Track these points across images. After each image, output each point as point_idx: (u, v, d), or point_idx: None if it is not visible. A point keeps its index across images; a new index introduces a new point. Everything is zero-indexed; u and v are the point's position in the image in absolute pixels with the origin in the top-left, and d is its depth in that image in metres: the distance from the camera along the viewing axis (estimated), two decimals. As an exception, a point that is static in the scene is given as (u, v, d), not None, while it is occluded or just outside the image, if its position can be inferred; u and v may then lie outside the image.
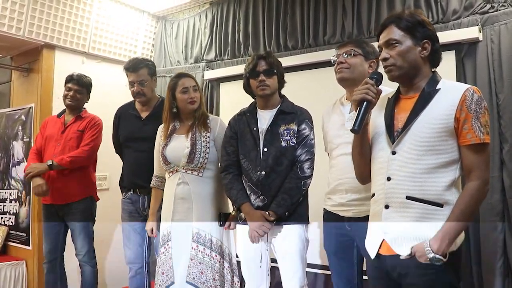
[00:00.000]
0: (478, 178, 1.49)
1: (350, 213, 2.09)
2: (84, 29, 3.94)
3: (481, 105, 1.50)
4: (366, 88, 1.63)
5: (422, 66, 1.61)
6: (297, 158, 2.22)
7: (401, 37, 1.60)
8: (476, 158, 1.49)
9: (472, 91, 1.51)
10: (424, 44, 1.60)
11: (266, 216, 2.17)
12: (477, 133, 1.47)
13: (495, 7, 2.77)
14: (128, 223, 2.91)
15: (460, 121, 1.49)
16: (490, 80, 2.73)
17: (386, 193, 1.58)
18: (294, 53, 3.60)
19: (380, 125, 1.68)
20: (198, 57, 4.29)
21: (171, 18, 4.57)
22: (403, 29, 1.60)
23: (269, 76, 2.30)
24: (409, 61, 1.59)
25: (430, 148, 1.51)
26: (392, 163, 1.58)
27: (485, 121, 1.50)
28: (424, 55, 1.60)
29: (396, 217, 1.55)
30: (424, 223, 1.50)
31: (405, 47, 1.59)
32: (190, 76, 2.61)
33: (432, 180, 1.51)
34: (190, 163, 2.46)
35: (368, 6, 3.27)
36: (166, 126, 2.59)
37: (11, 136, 4.10)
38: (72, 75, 3.18)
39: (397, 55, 1.60)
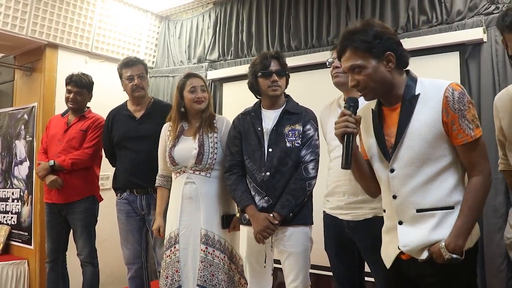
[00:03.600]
0: (480, 173, 1.49)
1: (349, 217, 2.09)
2: (87, 28, 3.94)
3: (463, 101, 1.47)
4: (344, 121, 1.57)
5: (393, 78, 1.56)
6: (302, 158, 2.22)
7: (363, 60, 1.52)
8: (473, 154, 1.49)
9: (451, 89, 1.48)
10: (387, 57, 1.53)
11: (270, 219, 2.16)
12: (467, 131, 1.46)
13: (499, 8, 2.76)
14: (125, 223, 2.90)
15: (448, 124, 1.48)
16: (494, 81, 2.71)
17: (397, 211, 1.58)
18: (298, 53, 3.60)
19: (373, 145, 1.65)
20: (201, 57, 4.29)
21: (174, 18, 4.57)
22: (361, 51, 1.52)
23: (281, 77, 2.30)
24: (379, 80, 1.54)
25: (426, 158, 1.50)
26: (393, 181, 1.57)
27: (472, 115, 1.48)
28: (391, 67, 1.54)
29: (412, 230, 1.54)
30: (439, 228, 1.49)
31: (370, 69, 1.52)
32: (198, 76, 2.61)
33: (437, 187, 1.50)
34: (198, 164, 2.45)
35: (372, 7, 3.26)
36: (174, 126, 2.57)
37: (13, 135, 4.10)
38: (71, 76, 3.16)
39: (366, 79, 1.54)
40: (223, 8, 4.13)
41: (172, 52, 4.53)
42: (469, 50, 2.84)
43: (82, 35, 3.92)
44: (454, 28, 2.89)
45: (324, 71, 3.26)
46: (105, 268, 3.23)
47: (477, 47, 2.81)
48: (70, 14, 3.77)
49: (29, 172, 3.91)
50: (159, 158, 2.67)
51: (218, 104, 4.08)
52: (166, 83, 4.45)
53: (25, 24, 3.53)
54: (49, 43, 3.75)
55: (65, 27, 3.77)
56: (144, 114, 2.93)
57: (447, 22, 2.95)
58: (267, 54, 2.34)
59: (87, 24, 3.93)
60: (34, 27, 3.58)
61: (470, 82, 2.81)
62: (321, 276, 3.17)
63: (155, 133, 2.74)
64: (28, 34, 3.56)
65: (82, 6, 3.84)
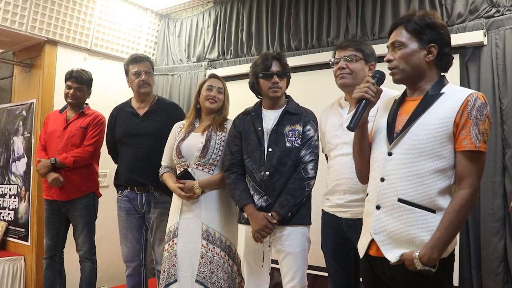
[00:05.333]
0: (470, 187, 1.45)
1: (348, 214, 2.09)
2: (87, 25, 3.93)
3: (482, 112, 1.46)
4: (366, 87, 1.63)
5: (426, 70, 1.58)
6: (301, 159, 2.22)
7: (407, 39, 1.57)
8: (470, 165, 1.45)
9: (475, 96, 1.48)
10: (430, 48, 1.56)
11: (269, 218, 2.16)
12: (473, 140, 1.44)
13: (500, 11, 2.76)
14: (125, 221, 2.90)
15: (459, 126, 1.46)
16: (494, 84, 2.72)
17: (379, 193, 1.57)
18: (297, 53, 3.60)
19: (381, 125, 1.67)
20: (200, 56, 4.28)
21: (174, 16, 4.57)
22: (410, 32, 1.57)
23: (282, 78, 2.31)
24: (412, 64, 1.57)
25: (426, 152, 1.49)
26: (387, 164, 1.57)
27: (484, 129, 1.46)
28: (429, 59, 1.57)
29: (386, 218, 1.54)
30: (414, 227, 1.47)
31: (409, 50, 1.57)
32: (219, 79, 2.64)
33: (426, 184, 1.48)
34: (202, 158, 2.46)
35: (373, 8, 3.26)
36: (188, 122, 2.62)
37: (11, 132, 4.09)
38: (71, 72, 3.16)
39: (400, 58, 1.58)
40: (223, 7, 4.12)
41: (171, 50, 4.53)
42: (469, 53, 2.83)
43: (82, 32, 3.91)
44: (454, 30, 2.88)
45: (324, 71, 3.29)
46: (101, 265, 3.23)
47: (477, 50, 2.81)
48: (70, 11, 3.76)
49: (26, 168, 3.90)
50: (165, 152, 2.67)
51: (217, 103, 4.07)
52: (165, 82, 4.45)
53: (25, 20, 3.52)
54: (48, 39, 3.74)
55: (65, 23, 3.77)
56: (148, 111, 2.93)
57: (448, 24, 2.94)
58: (269, 55, 2.34)
59: (87, 21, 3.92)
60: (34, 23, 3.57)
61: (469, 85, 2.81)
62: (318, 276, 3.18)
63: (157, 131, 2.73)
64: (28, 30, 3.55)
65: (82, 3, 3.83)
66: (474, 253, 2.73)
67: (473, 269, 2.73)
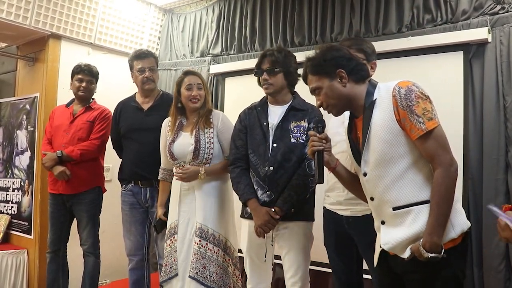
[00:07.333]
0: (440, 164, 1.50)
1: (348, 212, 2.11)
2: (91, 20, 3.93)
3: (410, 97, 1.52)
4: (311, 142, 1.72)
5: (351, 91, 1.66)
6: (306, 155, 2.22)
7: (318, 81, 1.67)
8: (429, 147, 1.51)
9: (398, 88, 1.55)
10: (339, 74, 1.64)
11: (271, 214, 2.17)
12: (417, 126, 1.50)
13: (505, 8, 2.74)
14: (129, 215, 2.92)
15: (402, 122, 1.53)
16: (497, 82, 2.71)
17: (376, 211, 1.66)
18: (301, 49, 3.58)
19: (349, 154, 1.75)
20: (204, 51, 4.28)
21: (178, 11, 4.56)
22: (315, 74, 1.68)
23: (272, 75, 2.30)
24: (336, 97, 1.66)
25: (390, 158, 1.56)
26: (367, 184, 1.65)
27: (422, 109, 1.51)
28: (345, 83, 1.65)
29: (393, 229, 1.59)
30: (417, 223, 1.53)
31: (326, 89, 1.66)
32: (196, 74, 2.65)
33: (407, 183, 1.55)
34: (195, 159, 2.50)
35: (377, 4, 3.24)
36: (172, 120, 2.64)
37: (15, 125, 4.10)
38: (80, 65, 3.18)
39: (324, 98, 1.68)
40: (227, 2, 4.11)
41: (175, 45, 4.52)
42: (473, 50, 2.82)
43: (86, 26, 3.91)
44: (458, 27, 2.87)
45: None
46: (104, 260, 3.25)
47: (481, 47, 2.80)
48: (74, 5, 3.76)
49: (30, 162, 3.91)
50: (161, 152, 2.71)
51: (220, 98, 4.08)
52: (168, 76, 4.45)
53: (29, 14, 3.52)
54: (52, 33, 3.74)
55: (69, 18, 3.76)
56: (152, 106, 2.95)
57: (452, 21, 2.93)
58: (264, 52, 2.37)
59: (91, 15, 3.91)
60: (38, 18, 3.57)
61: (473, 82, 2.80)
62: (321, 272, 3.18)
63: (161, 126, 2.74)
64: (32, 24, 3.55)
65: (86, -3, 3.83)
66: (475, 251, 2.73)
67: (474, 267, 2.73)
